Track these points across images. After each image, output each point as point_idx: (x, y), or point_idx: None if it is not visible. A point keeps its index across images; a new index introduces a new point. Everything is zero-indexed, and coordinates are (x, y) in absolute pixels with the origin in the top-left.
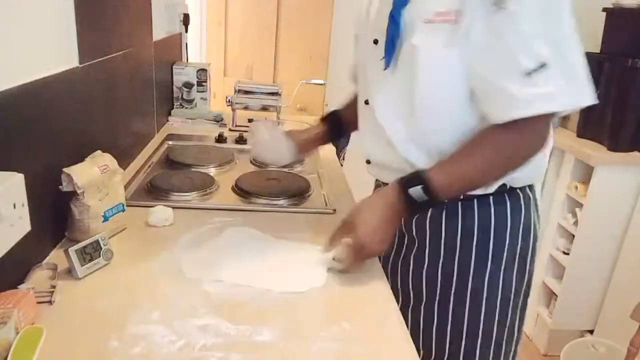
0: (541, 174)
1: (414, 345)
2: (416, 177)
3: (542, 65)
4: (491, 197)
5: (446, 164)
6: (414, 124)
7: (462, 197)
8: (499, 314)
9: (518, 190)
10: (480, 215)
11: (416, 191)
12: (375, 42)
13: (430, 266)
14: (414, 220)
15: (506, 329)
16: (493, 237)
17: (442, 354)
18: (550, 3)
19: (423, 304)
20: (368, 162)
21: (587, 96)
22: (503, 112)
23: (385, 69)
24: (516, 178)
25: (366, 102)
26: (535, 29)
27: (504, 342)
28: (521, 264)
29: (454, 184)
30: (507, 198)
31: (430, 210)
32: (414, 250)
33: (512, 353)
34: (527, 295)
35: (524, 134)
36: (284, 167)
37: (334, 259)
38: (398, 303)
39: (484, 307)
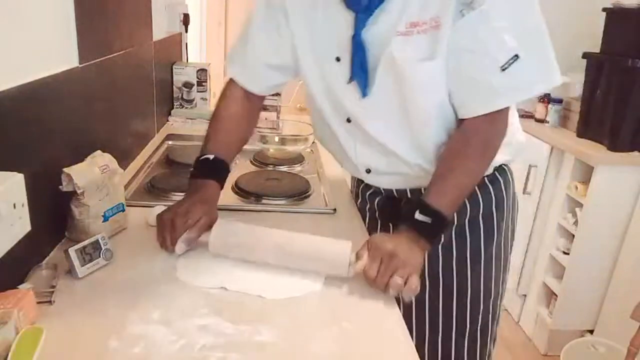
0: (521, 149)
1: (414, 345)
2: (414, 205)
3: (514, 57)
4: (486, 178)
5: (439, 184)
6: (412, 134)
7: None
8: (496, 276)
9: (504, 166)
10: (485, 198)
11: (421, 217)
12: (338, 59)
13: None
14: None
15: (500, 286)
16: (496, 212)
17: (450, 321)
18: None
19: (427, 287)
20: (368, 171)
21: (556, 77)
22: (485, 104)
23: (364, 97)
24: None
25: (348, 120)
26: (506, 23)
27: (499, 299)
28: (512, 229)
29: (454, 200)
30: (498, 175)
31: None
32: None
33: (499, 307)
34: (512, 246)
35: (496, 123)
36: (284, 167)
37: (354, 261)
38: None
39: (485, 272)
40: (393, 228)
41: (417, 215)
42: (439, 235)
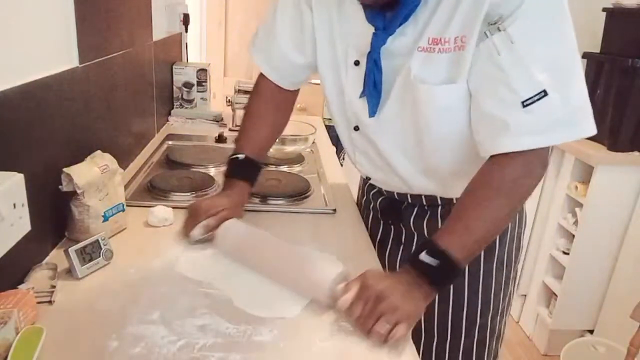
0: None
1: (414, 345)
2: (422, 246)
3: (541, 93)
4: None
5: (451, 223)
6: (424, 159)
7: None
8: (496, 291)
9: None
10: None
11: (426, 258)
12: (357, 63)
13: None
14: (411, 219)
15: (501, 303)
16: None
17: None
18: (551, 22)
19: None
20: (368, 178)
21: (587, 126)
22: (498, 143)
23: (371, 116)
24: None
25: (356, 129)
26: (534, 53)
27: (499, 316)
28: (518, 244)
29: (466, 243)
30: None
31: (428, 211)
32: (414, 244)
33: (501, 324)
34: (520, 261)
35: (528, 164)
36: (284, 167)
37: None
38: None
39: (484, 286)
40: (394, 230)
41: (423, 256)
42: (446, 282)
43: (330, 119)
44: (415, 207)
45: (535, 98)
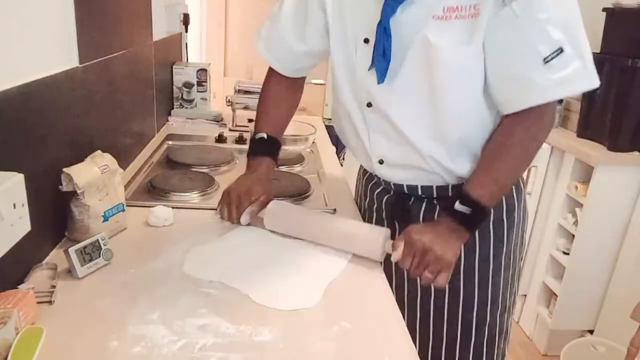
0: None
1: (414, 345)
2: (454, 196)
3: (558, 50)
4: None
5: (480, 175)
6: (436, 124)
7: None
8: (504, 287)
9: None
10: (496, 204)
11: (461, 207)
12: (366, 41)
13: None
14: (421, 212)
15: (508, 300)
16: (507, 220)
17: (455, 329)
18: None
19: (433, 295)
20: (381, 162)
21: (596, 76)
22: (526, 99)
23: (379, 83)
24: None
25: (369, 105)
26: (550, 15)
27: (506, 314)
28: (522, 240)
29: (494, 192)
30: None
31: (437, 205)
32: None
33: (507, 324)
34: (522, 258)
35: (541, 120)
36: (284, 167)
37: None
38: (405, 294)
39: (493, 282)
40: (399, 231)
41: (457, 206)
42: (477, 226)
43: (330, 119)
44: (424, 201)
45: (554, 55)
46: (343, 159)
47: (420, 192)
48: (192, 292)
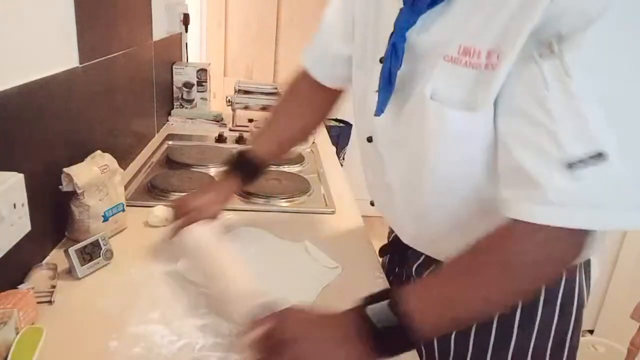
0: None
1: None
2: (382, 294)
3: (597, 156)
4: None
5: (432, 284)
6: (416, 196)
7: None
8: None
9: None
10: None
11: (378, 310)
12: (382, 61)
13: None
14: (414, 267)
15: None
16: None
17: None
18: (632, 57)
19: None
20: (372, 203)
21: None
22: (519, 206)
23: (376, 114)
24: None
25: (369, 140)
26: (597, 97)
27: None
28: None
29: (438, 310)
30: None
31: (434, 264)
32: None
33: None
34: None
35: (558, 242)
36: (284, 167)
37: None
38: None
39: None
40: (396, 273)
41: (370, 310)
42: (394, 350)
43: (330, 119)
44: (422, 255)
45: (587, 160)
46: (343, 159)
47: (417, 248)
48: (192, 292)
